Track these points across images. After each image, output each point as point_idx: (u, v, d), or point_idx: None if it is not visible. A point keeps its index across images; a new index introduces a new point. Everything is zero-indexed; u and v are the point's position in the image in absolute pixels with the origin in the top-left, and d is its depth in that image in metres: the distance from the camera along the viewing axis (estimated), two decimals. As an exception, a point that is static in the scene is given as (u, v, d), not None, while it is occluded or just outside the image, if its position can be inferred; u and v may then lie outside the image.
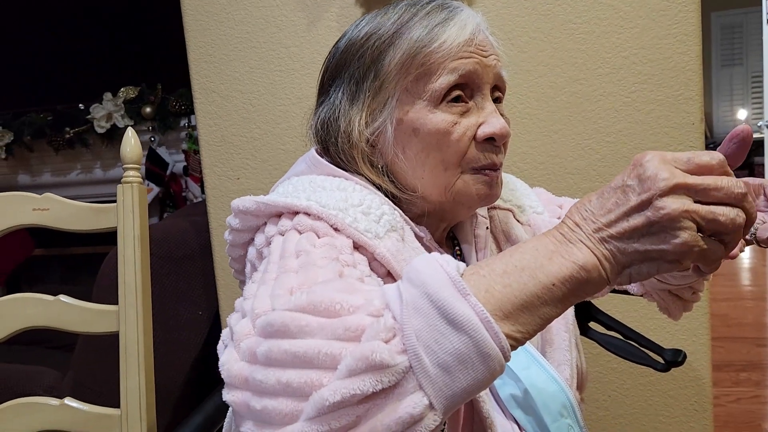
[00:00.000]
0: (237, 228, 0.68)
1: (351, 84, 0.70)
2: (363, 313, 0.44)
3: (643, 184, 0.44)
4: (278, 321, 0.45)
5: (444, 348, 0.42)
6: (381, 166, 0.71)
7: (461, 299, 0.43)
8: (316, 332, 0.43)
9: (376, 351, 0.41)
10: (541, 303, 0.45)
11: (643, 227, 0.44)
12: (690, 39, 1.16)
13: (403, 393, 0.41)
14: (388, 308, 0.44)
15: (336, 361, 0.42)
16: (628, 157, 1.21)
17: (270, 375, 0.43)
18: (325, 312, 0.45)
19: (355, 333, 0.43)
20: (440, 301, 0.43)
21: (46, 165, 2.78)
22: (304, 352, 0.42)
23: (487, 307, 0.43)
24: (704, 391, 1.24)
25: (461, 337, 0.42)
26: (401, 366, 0.41)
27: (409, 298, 0.44)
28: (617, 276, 0.46)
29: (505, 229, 0.81)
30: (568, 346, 0.74)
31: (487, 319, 0.42)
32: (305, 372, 0.42)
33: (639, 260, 0.45)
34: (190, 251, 1.51)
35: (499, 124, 0.67)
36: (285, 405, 0.42)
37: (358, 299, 0.45)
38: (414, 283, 0.45)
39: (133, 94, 2.51)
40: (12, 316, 0.91)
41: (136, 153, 0.92)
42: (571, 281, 0.45)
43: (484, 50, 0.68)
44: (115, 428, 0.90)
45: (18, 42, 2.86)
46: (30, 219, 0.92)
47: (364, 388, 0.40)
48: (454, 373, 0.42)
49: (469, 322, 0.42)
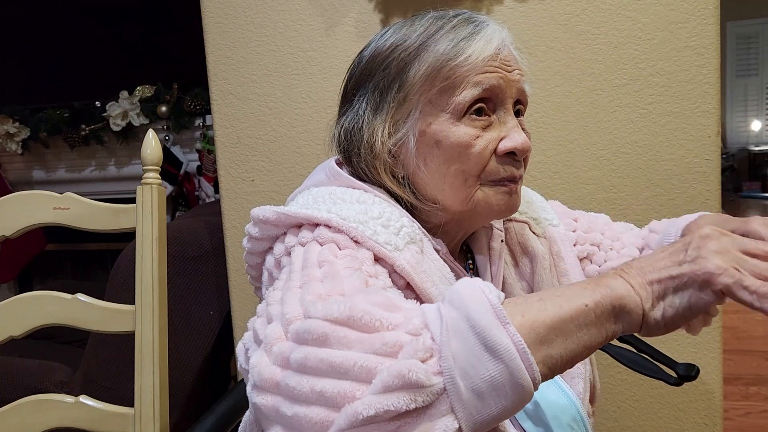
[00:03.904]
0: (256, 236, 0.68)
1: (375, 94, 0.70)
2: (402, 330, 0.44)
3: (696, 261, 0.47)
4: (318, 330, 0.45)
5: (479, 374, 0.42)
6: (402, 177, 0.71)
7: (500, 327, 0.43)
8: (354, 345, 0.44)
9: (412, 370, 0.41)
10: (576, 327, 0.46)
11: (682, 275, 0.47)
12: (708, 52, 1.16)
13: (435, 415, 0.42)
14: (427, 328, 0.44)
15: (371, 374, 0.42)
16: (643, 169, 1.21)
17: (304, 382, 0.43)
18: (365, 327, 0.45)
19: (392, 349, 0.43)
20: (480, 327, 0.43)
21: (61, 161, 2.81)
22: (341, 362, 0.43)
23: (522, 331, 0.44)
24: (715, 405, 1.24)
25: (497, 365, 0.42)
26: (436, 387, 0.42)
27: (449, 320, 0.44)
28: (652, 306, 0.47)
29: (522, 241, 0.81)
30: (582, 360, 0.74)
31: (523, 350, 0.43)
32: (339, 382, 0.42)
33: (672, 288, 0.47)
34: (203, 251, 1.52)
35: (521, 139, 0.68)
36: (316, 413, 0.42)
37: (398, 317, 0.45)
38: (455, 305, 0.45)
39: (149, 92, 2.53)
40: (30, 313, 0.92)
41: (156, 155, 0.93)
42: (604, 304, 0.46)
43: (508, 65, 0.68)
44: (128, 426, 0.91)
45: (36, 39, 2.89)
46: (50, 218, 0.94)
47: (397, 405, 0.40)
48: (486, 400, 0.42)
49: (506, 350, 0.42)
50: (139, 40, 2.80)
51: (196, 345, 1.51)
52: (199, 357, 1.51)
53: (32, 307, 0.93)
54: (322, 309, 0.46)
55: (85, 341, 1.54)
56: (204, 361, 1.52)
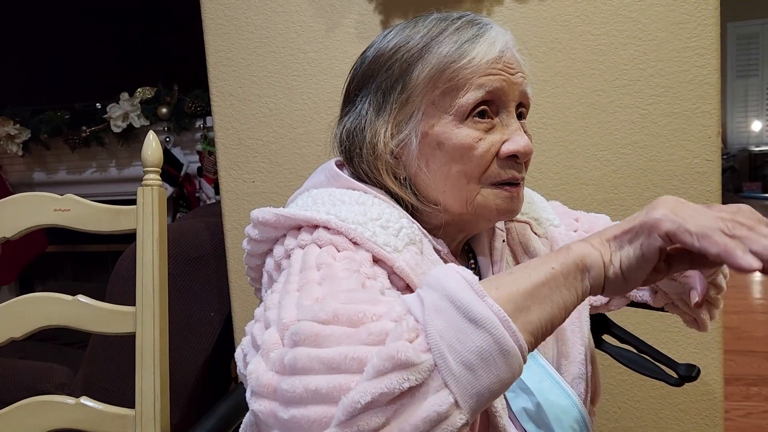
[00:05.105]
0: (256, 238, 0.68)
1: (378, 95, 0.70)
2: (386, 319, 0.45)
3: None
4: (305, 331, 0.45)
5: (466, 346, 0.43)
6: (404, 178, 0.71)
7: (479, 300, 0.45)
8: (342, 340, 0.44)
9: (401, 350, 0.41)
10: (548, 290, 0.49)
11: (634, 227, 0.52)
12: (708, 52, 1.16)
13: (429, 391, 0.42)
14: (409, 312, 0.46)
15: (362, 363, 0.42)
16: (643, 169, 1.21)
17: (297, 383, 0.44)
18: (349, 321, 0.46)
19: (379, 337, 0.44)
20: (460, 302, 0.44)
21: (62, 163, 2.81)
22: (331, 357, 0.43)
23: (500, 302, 0.45)
24: (715, 405, 1.24)
25: (482, 334, 0.43)
26: (426, 364, 0.42)
27: (429, 300, 0.45)
28: (611, 261, 0.52)
29: (523, 241, 0.81)
30: (583, 360, 0.74)
31: (504, 318, 0.44)
32: (333, 377, 0.43)
33: (627, 240, 0.52)
34: (204, 253, 1.53)
35: (523, 142, 0.68)
36: (314, 412, 0.42)
37: (381, 308, 0.46)
38: (433, 287, 0.46)
39: (150, 94, 2.54)
40: (31, 315, 0.92)
41: (156, 156, 0.93)
42: (569, 264, 0.50)
43: (511, 68, 0.68)
44: (129, 428, 0.91)
45: (37, 40, 2.90)
46: (51, 219, 0.94)
47: (391, 386, 0.41)
48: (477, 371, 0.43)
49: (488, 320, 0.44)
50: (140, 41, 2.80)
51: (197, 346, 1.51)
52: (199, 358, 1.51)
53: (33, 309, 0.93)
54: (310, 311, 0.47)
55: (85, 343, 1.54)
56: (205, 362, 1.52)
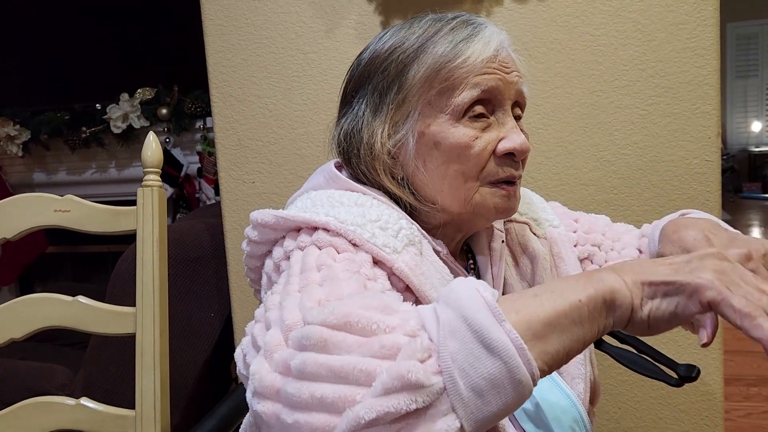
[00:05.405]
0: (255, 240, 0.68)
1: (374, 96, 0.71)
2: (399, 332, 0.44)
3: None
4: (316, 335, 0.45)
5: (478, 371, 0.42)
6: (401, 178, 0.71)
7: (497, 325, 0.43)
8: (353, 349, 0.44)
9: (411, 370, 0.41)
10: (570, 322, 0.46)
11: (675, 282, 0.48)
12: (708, 53, 1.16)
13: (436, 414, 0.41)
14: (424, 329, 0.44)
15: (371, 377, 0.42)
16: (643, 170, 1.21)
17: (303, 388, 0.43)
18: (362, 331, 0.45)
19: (390, 351, 0.43)
20: (477, 325, 0.43)
21: (62, 163, 2.81)
22: (340, 366, 0.42)
23: (519, 328, 0.44)
24: (715, 405, 1.24)
25: (496, 362, 0.42)
26: (436, 387, 0.41)
27: (445, 320, 0.44)
28: (641, 305, 0.48)
29: (522, 241, 0.81)
30: (582, 360, 0.75)
31: (521, 346, 0.43)
32: (339, 387, 0.42)
33: (662, 293, 0.48)
34: (204, 253, 1.53)
35: (520, 139, 0.68)
36: (317, 419, 0.42)
37: (395, 320, 0.45)
38: (451, 305, 0.45)
39: (150, 95, 2.54)
40: (31, 316, 0.92)
41: (156, 157, 0.93)
42: (597, 298, 0.47)
43: (506, 67, 0.69)
44: (129, 429, 0.91)
45: (37, 41, 2.90)
46: (51, 220, 0.94)
47: (398, 407, 0.40)
48: (486, 398, 0.42)
49: (504, 348, 0.42)
50: (140, 42, 2.80)
51: (197, 347, 1.51)
52: (199, 359, 1.51)
53: (33, 310, 0.93)
54: (319, 314, 0.46)
55: (85, 343, 1.54)
56: (205, 363, 1.52)
